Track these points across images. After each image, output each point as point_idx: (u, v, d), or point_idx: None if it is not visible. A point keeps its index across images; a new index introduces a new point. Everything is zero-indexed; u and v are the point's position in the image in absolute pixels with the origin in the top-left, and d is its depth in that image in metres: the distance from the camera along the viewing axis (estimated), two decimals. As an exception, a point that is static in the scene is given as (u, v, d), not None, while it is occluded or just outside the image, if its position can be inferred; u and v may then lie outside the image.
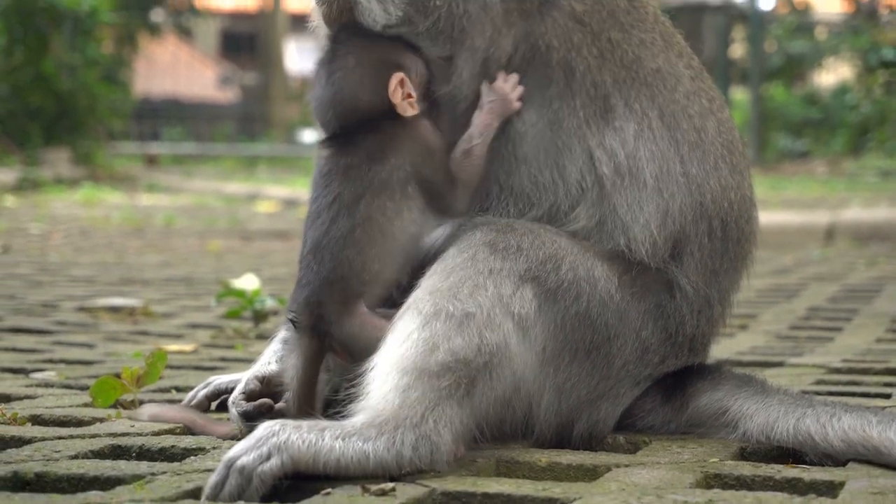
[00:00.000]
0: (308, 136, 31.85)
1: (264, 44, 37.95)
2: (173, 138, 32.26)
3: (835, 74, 26.98)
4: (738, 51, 28.31)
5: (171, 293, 6.72)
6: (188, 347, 4.73)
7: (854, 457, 2.81)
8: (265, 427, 2.59)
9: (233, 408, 3.10)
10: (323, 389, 2.94)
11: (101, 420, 3.23)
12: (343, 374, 2.90)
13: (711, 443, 3.00)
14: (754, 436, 2.96)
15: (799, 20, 27.54)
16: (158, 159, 26.96)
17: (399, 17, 3.03)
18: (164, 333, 5.21)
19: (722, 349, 4.53)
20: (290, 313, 2.93)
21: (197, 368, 4.23)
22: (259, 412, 3.02)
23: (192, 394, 3.45)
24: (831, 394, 3.66)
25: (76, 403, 3.47)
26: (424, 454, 2.64)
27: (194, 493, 2.50)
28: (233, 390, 3.18)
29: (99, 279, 7.32)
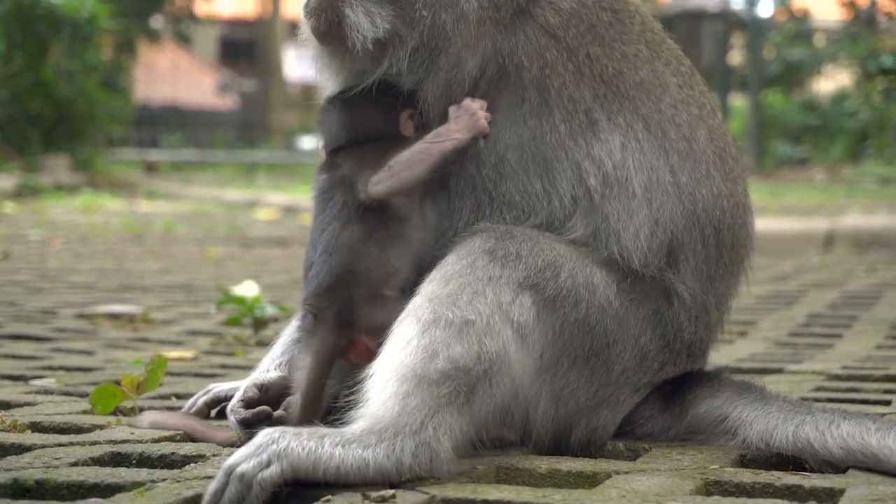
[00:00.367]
0: (307, 142, 31.86)
1: (263, 51, 38.00)
2: (172, 145, 32.29)
3: (833, 81, 26.98)
4: (736, 58, 28.34)
5: (171, 300, 6.72)
6: (188, 354, 4.73)
7: (853, 464, 2.81)
8: (265, 434, 2.59)
9: (231, 415, 3.10)
10: (329, 393, 2.95)
11: (101, 427, 3.23)
12: (344, 380, 2.90)
13: (711, 450, 3.00)
14: (754, 443, 2.96)
15: (797, 27, 27.56)
16: (158, 166, 26.96)
17: (386, 29, 3.04)
18: (164, 340, 5.21)
19: (721, 356, 4.53)
20: (306, 306, 2.94)
21: (197, 375, 4.23)
22: (258, 420, 3.02)
23: (191, 401, 3.45)
24: (831, 400, 3.66)
25: (76, 410, 3.47)
26: (424, 461, 2.64)
27: (194, 501, 2.50)
28: (232, 398, 3.19)
29: (98, 286, 7.32)
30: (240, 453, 2.55)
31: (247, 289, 5.45)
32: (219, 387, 3.46)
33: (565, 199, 3.01)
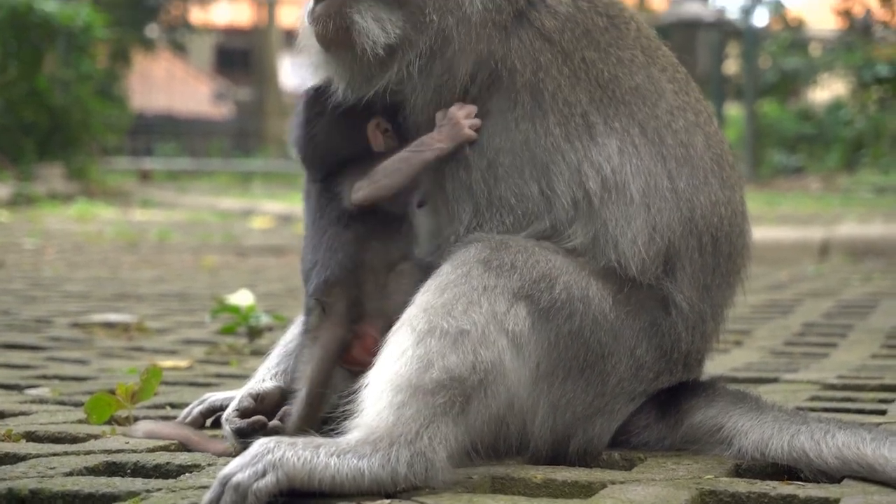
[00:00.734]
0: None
1: (258, 59, 38.01)
2: (167, 154, 32.27)
3: (829, 90, 27.04)
4: (732, 67, 28.37)
5: (166, 309, 6.71)
6: (183, 363, 4.73)
7: (849, 474, 2.81)
8: (260, 444, 2.58)
9: (226, 425, 3.09)
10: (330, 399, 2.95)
11: (96, 436, 3.22)
12: (340, 389, 2.90)
13: (706, 459, 2.99)
14: (749, 452, 2.96)
15: (793, 36, 27.61)
16: (152, 175, 26.96)
17: (398, 34, 3.03)
18: (159, 349, 5.21)
19: (717, 365, 4.53)
20: (313, 300, 2.95)
21: (192, 384, 4.23)
22: (253, 429, 3.01)
23: (186, 410, 3.45)
24: (826, 410, 3.66)
25: (71, 420, 3.47)
26: (419, 471, 2.64)
27: (189, 511, 2.50)
28: (227, 407, 3.18)
29: (93, 295, 7.32)
30: (235, 463, 2.54)
31: (242, 298, 5.45)
32: (214, 396, 3.46)
33: (566, 202, 3.00)
